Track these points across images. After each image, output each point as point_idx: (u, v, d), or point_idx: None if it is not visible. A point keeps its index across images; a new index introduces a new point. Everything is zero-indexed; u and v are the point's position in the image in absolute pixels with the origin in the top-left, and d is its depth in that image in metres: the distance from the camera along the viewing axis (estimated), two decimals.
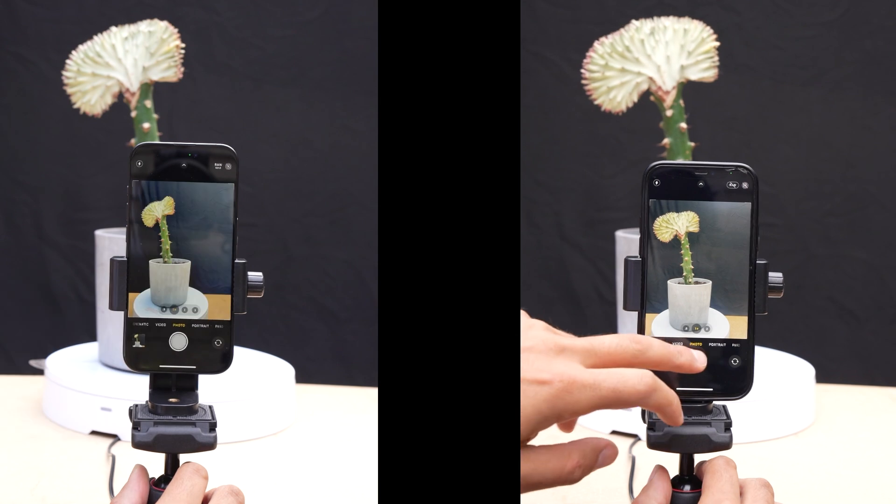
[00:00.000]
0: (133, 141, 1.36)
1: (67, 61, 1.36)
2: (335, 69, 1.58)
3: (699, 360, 0.77)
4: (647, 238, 0.81)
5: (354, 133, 1.58)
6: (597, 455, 0.73)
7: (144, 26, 1.35)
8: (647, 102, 1.60)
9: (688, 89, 1.59)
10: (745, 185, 0.81)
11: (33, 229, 1.58)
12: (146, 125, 1.35)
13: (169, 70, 1.36)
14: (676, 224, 0.80)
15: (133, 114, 1.36)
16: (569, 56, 1.59)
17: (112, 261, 0.79)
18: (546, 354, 0.72)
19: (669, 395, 0.73)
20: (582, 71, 1.33)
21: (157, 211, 0.79)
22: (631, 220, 1.56)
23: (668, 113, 1.33)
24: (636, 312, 0.81)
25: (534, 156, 1.58)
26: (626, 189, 1.59)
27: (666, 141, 1.36)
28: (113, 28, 1.37)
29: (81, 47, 1.36)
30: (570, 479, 0.73)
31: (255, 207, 1.57)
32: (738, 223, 0.81)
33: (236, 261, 0.80)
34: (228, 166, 0.80)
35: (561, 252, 1.62)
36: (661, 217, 0.80)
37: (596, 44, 1.32)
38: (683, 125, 1.35)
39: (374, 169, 1.47)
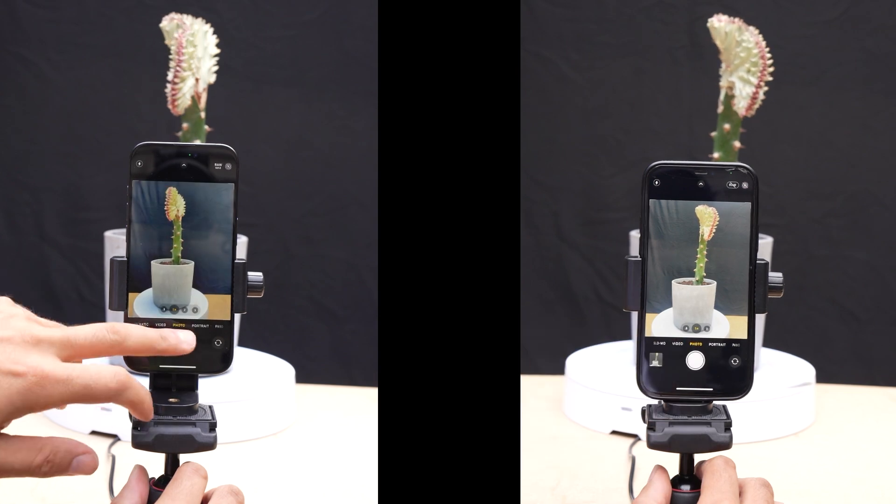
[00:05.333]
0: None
1: (185, 49, 1.30)
2: (335, 69, 1.58)
3: (186, 340, 0.77)
4: (647, 238, 0.81)
5: (354, 133, 1.58)
6: (71, 458, 0.73)
7: (189, 21, 1.33)
8: (647, 102, 1.60)
9: (687, 89, 1.59)
10: (745, 185, 0.81)
11: (35, 229, 1.58)
12: (207, 127, 1.34)
13: (214, 75, 1.34)
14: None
15: (202, 115, 1.33)
16: (568, 56, 1.59)
17: (112, 261, 0.79)
18: (23, 346, 0.71)
19: (141, 393, 0.73)
20: None
21: (179, 205, 0.79)
22: (630, 220, 1.55)
23: None
24: (636, 312, 0.81)
25: (533, 156, 1.58)
26: (625, 189, 1.59)
27: (715, 155, 1.35)
28: (175, 15, 1.33)
29: (183, 38, 1.31)
30: (38, 472, 0.72)
31: (255, 207, 1.57)
32: (737, 223, 0.81)
33: (236, 261, 0.80)
34: (228, 166, 0.80)
35: (560, 252, 1.62)
36: None
37: None
38: (738, 143, 1.34)
39: (374, 169, 1.47)
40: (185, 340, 0.77)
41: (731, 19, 1.30)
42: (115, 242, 1.32)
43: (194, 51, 1.30)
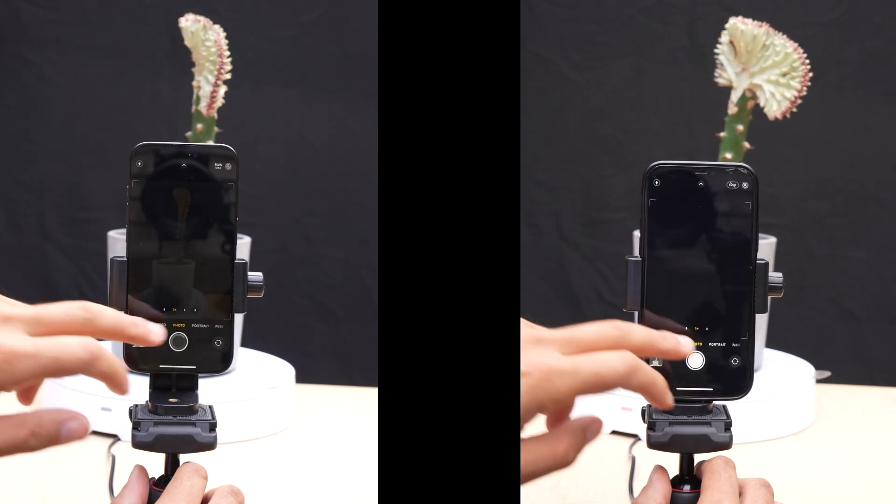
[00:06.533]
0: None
1: (224, 52, 1.31)
2: (335, 69, 1.58)
3: (685, 344, 0.75)
4: (647, 238, 0.81)
5: (354, 133, 1.58)
6: (58, 427, 0.69)
7: (209, 23, 1.33)
8: (647, 102, 1.60)
9: (687, 89, 1.59)
10: (745, 185, 0.81)
11: (36, 229, 1.58)
12: (217, 128, 1.35)
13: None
14: None
15: (215, 115, 1.34)
16: (568, 56, 1.59)
17: (112, 261, 0.79)
18: (524, 347, 0.70)
19: (653, 375, 0.70)
20: None
21: (181, 204, 0.79)
22: (630, 220, 1.55)
23: None
24: (636, 312, 0.81)
25: (533, 156, 1.58)
26: (625, 189, 1.59)
27: (728, 155, 1.35)
28: (191, 15, 1.33)
29: (221, 40, 1.31)
30: (564, 462, 0.71)
31: (255, 207, 1.57)
32: (738, 223, 0.81)
33: (236, 261, 0.80)
34: (228, 166, 0.80)
35: (560, 252, 1.62)
36: None
37: None
38: (747, 144, 1.34)
39: (373, 169, 1.48)
40: (154, 332, 0.74)
41: (757, 23, 1.31)
42: (119, 243, 1.32)
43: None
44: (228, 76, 1.33)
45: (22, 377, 0.68)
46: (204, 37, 1.32)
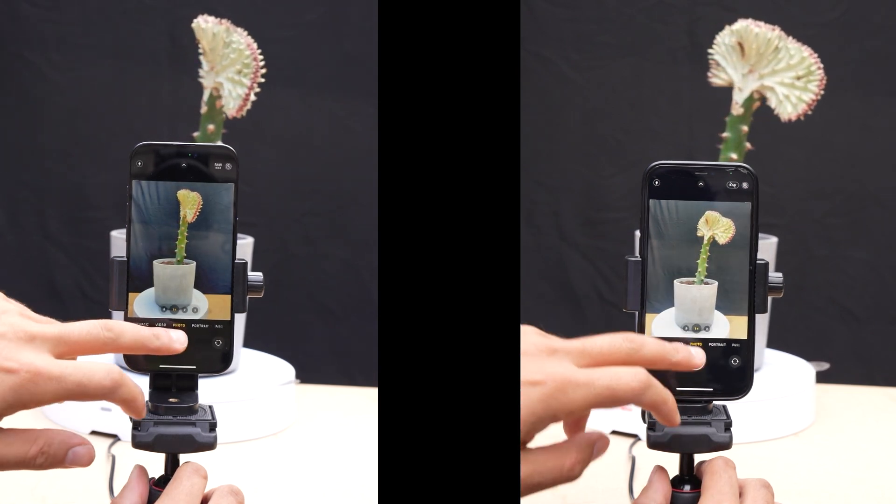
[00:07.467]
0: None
1: (254, 55, 1.32)
2: (335, 69, 1.58)
3: (697, 357, 0.76)
4: (647, 238, 0.81)
5: (354, 133, 1.58)
6: (66, 450, 0.71)
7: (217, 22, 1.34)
8: (647, 102, 1.60)
9: (687, 89, 1.59)
10: (745, 185, 0.81)
11: (38, 228, 1.58)
12: (223, 130, 1.35)
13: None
14: None
15: (223, 117, 1.34)
16: (568, 56, 1.59)
17: (112, 260, 0.80)
18: (538, 357, 0.71)
19: (664, 394, 0.72)
20: None
21: (190, 207, 0.79)
22: (630, 220, 1.55)
23: None
24: (636, 312, 0.81)
25: (533, 156, 1.58)
26: (625, 189, 1.59)
27: (733, 156, 1.35)
28: (210, 17, 1.34)
29: (253, 45, 1.32)
30: (570, 476, 0.72)
31: (255, 207, 1.57)
32: (738, 223, 0.81)
33: (236, 261, 0.80)
34: (228, 166, 0.80)
35: (560, 252, 1.62)
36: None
37: None
38: (748, 145, 1.34)
39: (373, 169, 1.47)
40: (177, 340, 0.76)
41: (770, 26, 1.31)
42: (121, 242, 1.32)
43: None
44: (262, 80, 1.33)
45: (45, 399, 0.70)
46: (227, 38, 1.32)
